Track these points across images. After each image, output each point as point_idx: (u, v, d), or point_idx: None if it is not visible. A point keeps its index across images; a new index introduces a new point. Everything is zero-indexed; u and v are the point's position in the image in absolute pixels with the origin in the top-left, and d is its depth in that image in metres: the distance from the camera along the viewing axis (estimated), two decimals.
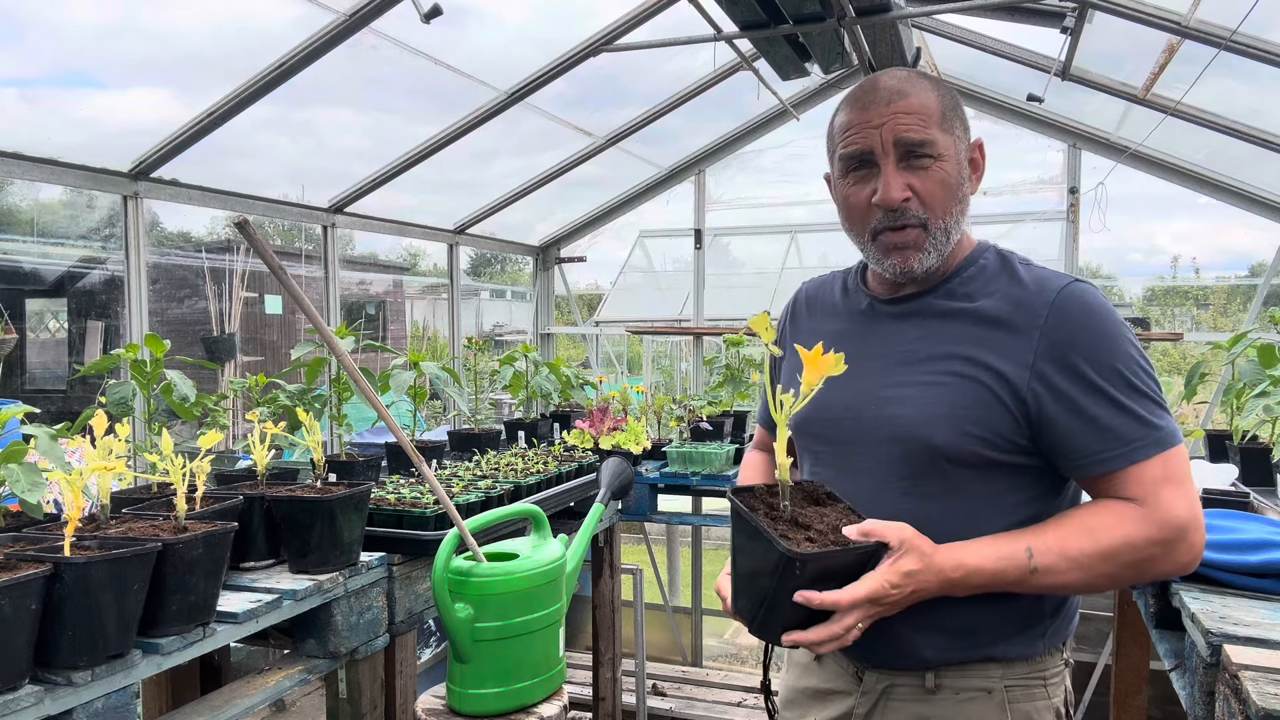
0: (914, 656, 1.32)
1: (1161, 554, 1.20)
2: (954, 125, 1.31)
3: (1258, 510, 2.46)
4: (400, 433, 2.00)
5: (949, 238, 1.31)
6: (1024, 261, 1.36)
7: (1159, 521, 1.20)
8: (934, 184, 1.28)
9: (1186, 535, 1.20)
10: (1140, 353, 1.26)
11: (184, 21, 3.22)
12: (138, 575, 1.55)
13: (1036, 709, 1.32)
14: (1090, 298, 1.27)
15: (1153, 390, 1.25)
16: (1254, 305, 4.89)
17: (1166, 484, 1.21)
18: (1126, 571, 1.22)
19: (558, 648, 2.13)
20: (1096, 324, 1.24)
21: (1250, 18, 3.07)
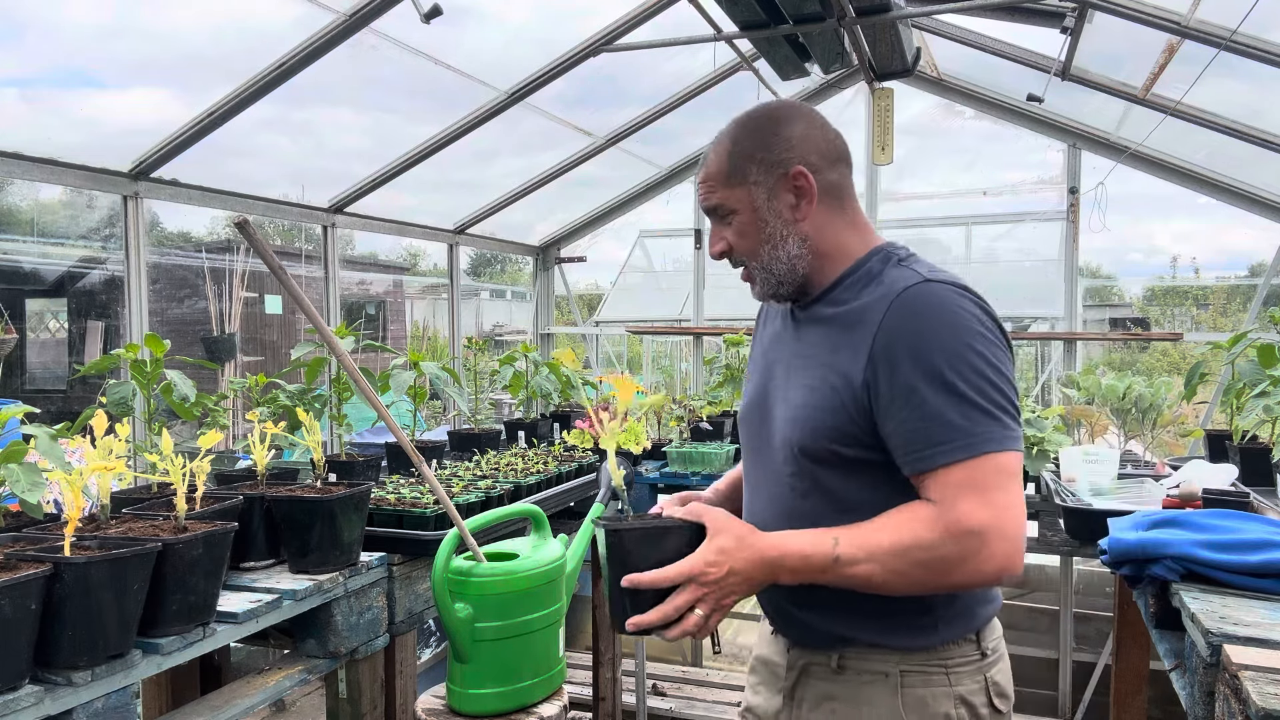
0: (822, 638, 1.42)
1: (957, 559, 1.21)
2: (746, 175, 1.41)
3: (1258, 510, 2.46)
4: (400, 433, 2.00)
5: (772, 271, 1.43)
6: (903, 261, 1.40)
7: (948, 526, 1.21)
8: (735, 235, 1.44)
9: (986, 544, 1.20)
10: (978, 354, 1.25)
11: (184, 21, 3.22)
12: (138, 575, 1.55)
13: (934, 695, 1.36)
14: (929, 296, 1.28)
15: (976, 394, 1.23)
16: (1254, 305, 4.89)
17: (968, 490, 1.21)
18: (920, 571, 1.23)
19: (558, 648, 2.13)
20: (925, 323, 1.26)
21: (1250, 18, 3.07)
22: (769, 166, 1.40)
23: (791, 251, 1.41)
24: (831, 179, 1.42)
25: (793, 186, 1.40)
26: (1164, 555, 1.82)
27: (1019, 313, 5.82)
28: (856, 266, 1.42)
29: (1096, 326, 6.69)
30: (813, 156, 1.40)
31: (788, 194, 1.40)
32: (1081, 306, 5.15)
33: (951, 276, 1.33)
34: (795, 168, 1.40)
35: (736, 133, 1.43)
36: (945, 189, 5.47)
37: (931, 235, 5.82)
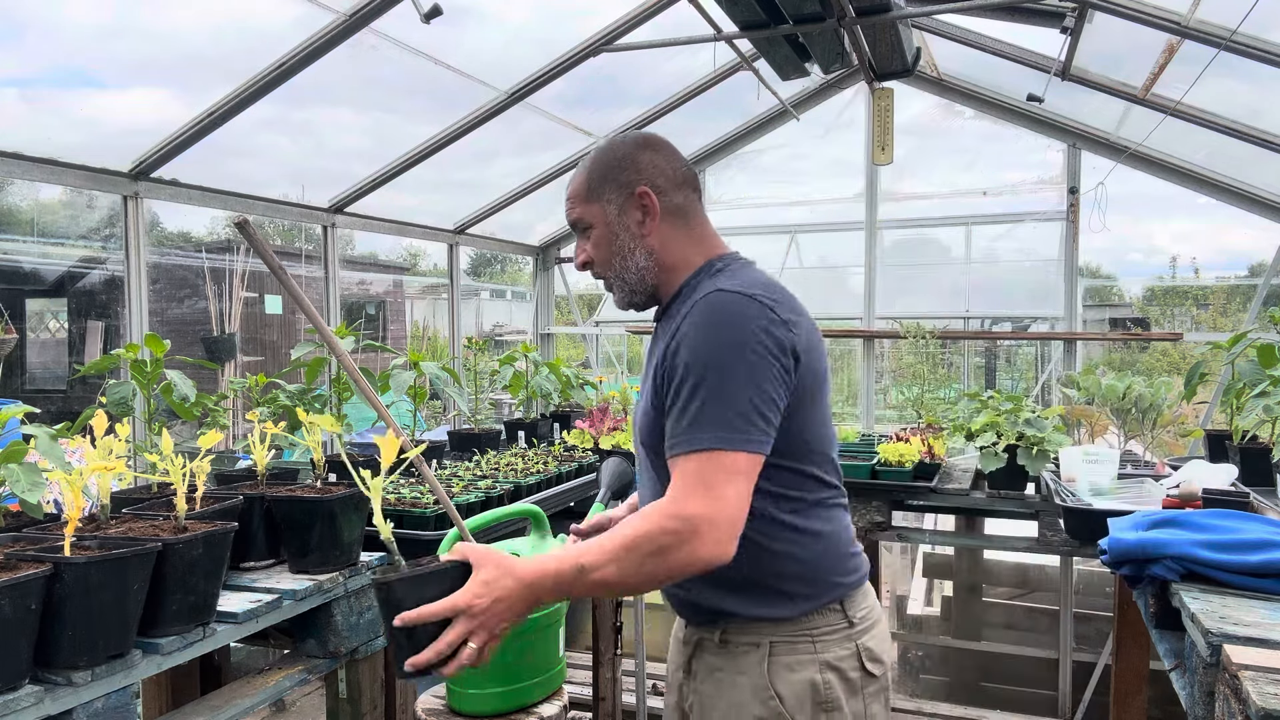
0: (706, 615, 1.57)
1: (675, 543, 1.32)
2: (602, 192, 1.59)
3: (1258, 510, 2.46)
4: (400, 433, 2.00)
5: (624, 280, 1.61)
6: (719, 271, 1.56)
7: (665, 515, 1.34)
8: (593, 249, 1.62)
9: (700, 531, 1.32)
10: (738, 359, 1.37)
11: (184, 21, 3.22)
12: (138, 575, 1.55)
13: (799, 662, 1.49)
14: (712, 303, 1.43)
15: (722, 395, 1.36)
16: (1254, 305, 4.89)
17: (692, 480, 1.35)
18: (651, 562, 1.33)
19: (558, 648, 2.13)
20: (700, 328, 1.42)
21: (1250, 18, 3.07)
22: (619, 186, 1.59)
23: (640, 263, 1.60)
24: (677, 200, 1.61)
25: (639, 205, 1.59)
26: (1164, 555, 1.82)
27: (1019, 313, 5.82)
28: (690, 278, 1.60)
29: (1096, 326, 6.69)
30: (659, 180, 1.59)
31: (635, 211, 1.59)
32: (1081, 306, 5.15)
33: (745, 286, 1.45)
34: (640, 188, 1.58)
35: (597, 157, 1.63)
36: (945, 189, 5.47)
37: (931, 235, 5.82)
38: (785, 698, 1.48)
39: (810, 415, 1.48)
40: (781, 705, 1.48)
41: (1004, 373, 8.52)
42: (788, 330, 1.42)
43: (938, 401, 5.07)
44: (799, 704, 1.48)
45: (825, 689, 1.49)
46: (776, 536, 1.48)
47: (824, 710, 1.48)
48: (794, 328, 1.44)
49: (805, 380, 1.45)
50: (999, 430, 3.24)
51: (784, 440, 1.43)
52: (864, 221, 5.46)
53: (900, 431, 3.82)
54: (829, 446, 1.56)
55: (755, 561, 1.48)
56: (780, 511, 1.48)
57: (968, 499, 3.31)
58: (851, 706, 1.49)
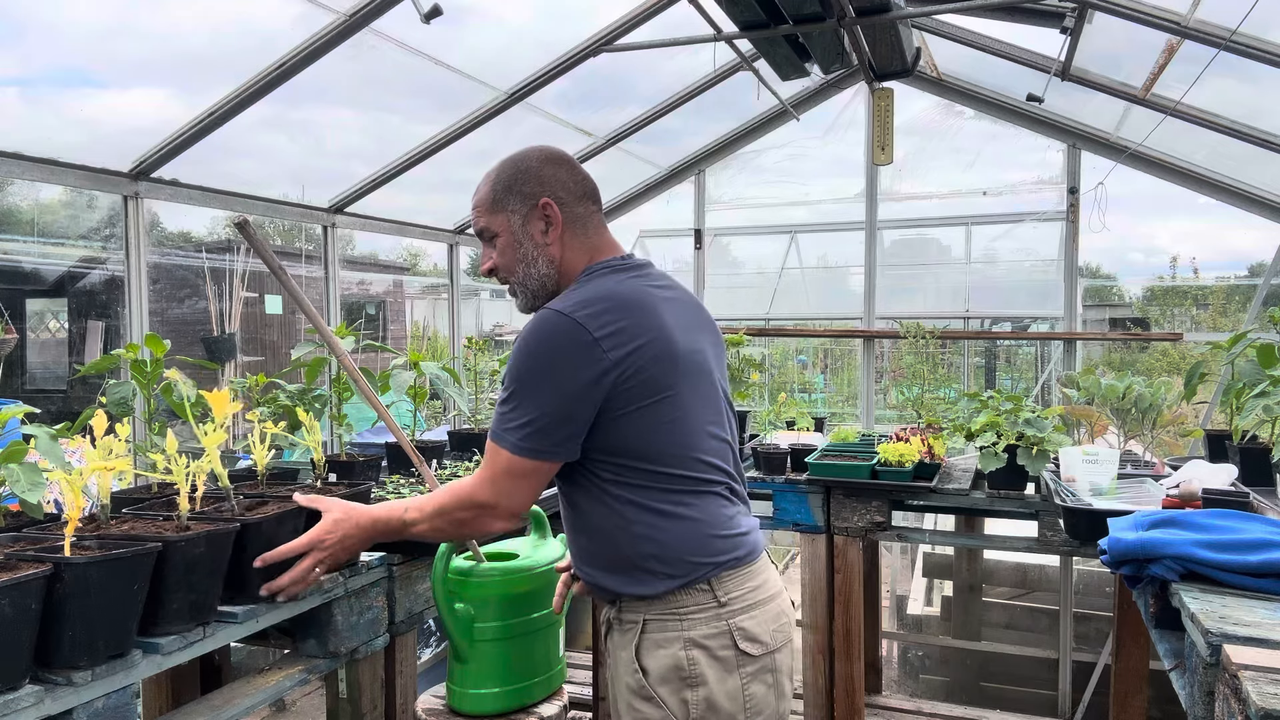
0: (604, 595, 1.72)
1: (471, 518, 1.65)
2: (506, 204, 1.71)
3: (1258, 510, 2.46)
4: (400, 433, 2.00)
5: (527, 286, 1.73)
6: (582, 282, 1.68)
7: (467, 496, 1.64)
8: (499, 256, 1.74)
9: (487, 513, 1.63)
10: (531, 375, 1.55)
11: (184, 21, 3.22)
12: (138, 575, 1.55)
13: (666, 638, 1.60)
14: (532, 322, 1.61)
15: (512, 406, 1.57)
16: (1253, 305, 4.89)
17: (489, 471, 1.61)
18: (453, 526, 1.68)
19: (558, 648, 2.13)
20: (519, 341, 1.60)
21: (1250, 18, 3.07)
22: (523, 197, 1.70)
23: (542, 270, 1.71)
24: (578, 211, 1.72)
25: (543, 215, 1.69)
26: (1164, 555, 1.82)
27: (1019, 313, 5.82)
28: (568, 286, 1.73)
29: (1096, 326, 6.69)
30: (560, 192, 1.70)
31: (539, 221, 1.69)
32: (1081, 306, 5.15)
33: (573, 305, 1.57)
34: (544, 199, 1.69)
35: (502, 169, 1.73)
36: (945, 189, 5.47)
37: (931, 235, 5.82)
38: (650, 671, 1.60)
39: (650, 420, 1.57)
40: (645, 679, 1.60)
41: (1004, 373, 8.52)
42: (600, 350, 1.53)
43: (938, 401, 5.08)
44: (661, 678, 1.59)
45: (690, 665, 1.58)
46: (634, 520, 1.60)
47: (688, 686, 1.57)
48: (615, 343, 1.54)
49: (636, 390, 1.55)
50: (999, 430, 3.24)
51: (619, 441, 1.58)
52: (864, 221, 5.46)
53: (900, 431, 3.82)
54: (690, 445, 1.63)
55: (617, 544, 1.63)
56: (635, 498, 1.60)
57: (968, 499, 3.31)
58: (723, 685, 1.57)
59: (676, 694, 1.58)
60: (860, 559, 3.52)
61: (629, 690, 1.63)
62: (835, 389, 9.15)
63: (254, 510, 1.90)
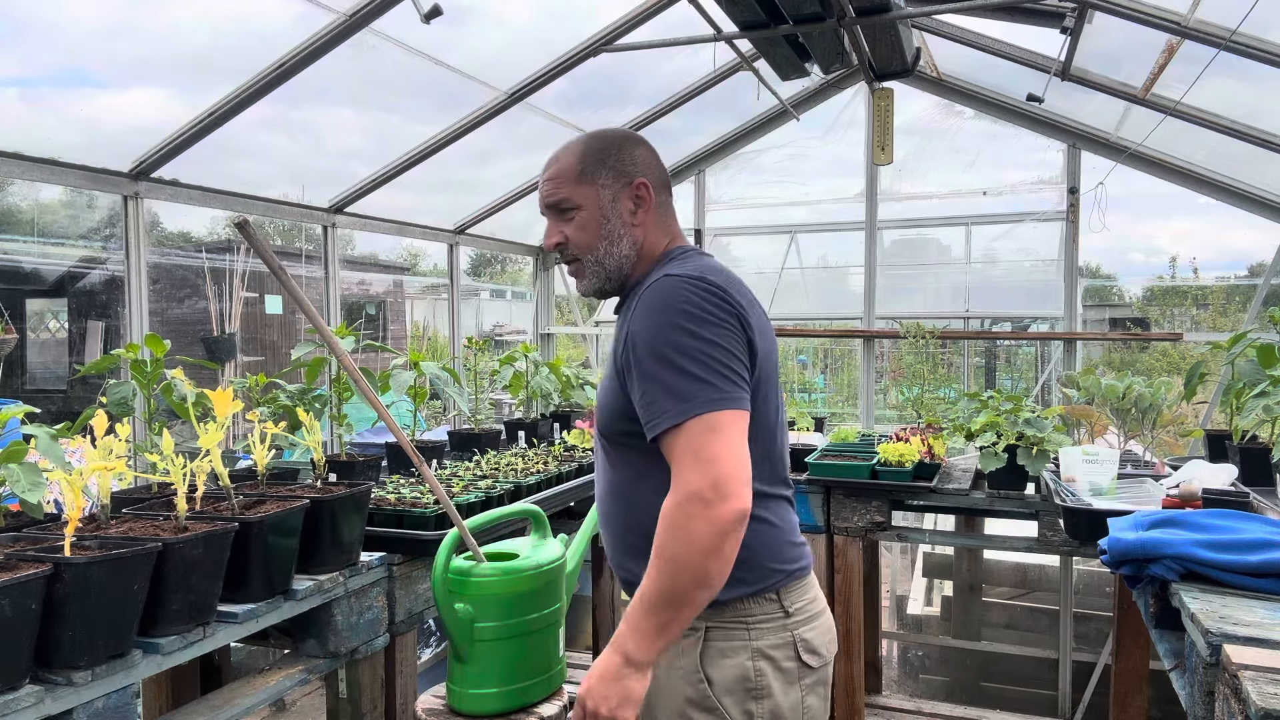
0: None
1: (693, 522, 1.36)
2: (595, 177, 1.62)
3: (1257, 510, 2.46)
4: (400, 433, 2.00)
5: (603, 266, 1.63)
6: (671, 259, 1.61)
7: (673, 504, 1.39)
8: (574, 229, 1.63)
9: (708, 504, 1.36)
10: (686, 330, 1.42)
11: (184, 21, 3.22)
12: (138, 575, 1.55)
13: (732, 647, 1.52)
14: (660, 285, 1.49)
15: (687, 364, 1.41)
16: (1253, 305, 4.89)
17: (686, 455, 1.39)
18: (686, 552, 1.37)
19: (558, 648, 2.13)
20: (650, 308, 1.47)
21: (1250, 18, 3.07)
22: (617, 174, 1.63)
23: (624, 250, 1.63)
24: (662, 198, 1.67)
25: (634, 195, 1.63)
26: (1164, 555, 1.82)
27: (1019, 313, 5.82)
28: (648, 271, 1.63)
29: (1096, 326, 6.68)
30: (650, 175, 1.65)
31: (629, 201, 1.63)
32: (1081, 306, 5.15)
33: (691, 269, 1.51)
34: (640, 179, 1.63)
35: (590, 141, 1.66)
36: (945, 189, 5.47)
37: (931, 235, 5.82)
38: (715, 682, 1.51)
39: (759, 401, 1.51)
40: (710, 689, 1.51)
41: (1004, 373, 8.52)
42: (737, 307, 1.47)
43: (937, 401, 5.08)
44: (727, 689, 1.51)
45: (757, 676, 1.51)
46: None
47: (753, 698, 1.51)
48: (744, 309, 1.49)
49: (755, 362, 1.49)
50: (999, 430, 3.24)
51: None
52: (864, 221, 5.46)
53: (900, 431, 3.82)
54: (771, 446, 1.58)
55: None
56: None
57: (968, 499, 3.31)
58: (786, 696, 1.52)
59: (741, 705, 1.51)
60: (860, 559, 3.52)
61: (687, 701, 1.53)
62: (835, 389, 9.15)
63: (254, 509, 1.90)
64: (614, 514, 1.63)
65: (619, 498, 1.61)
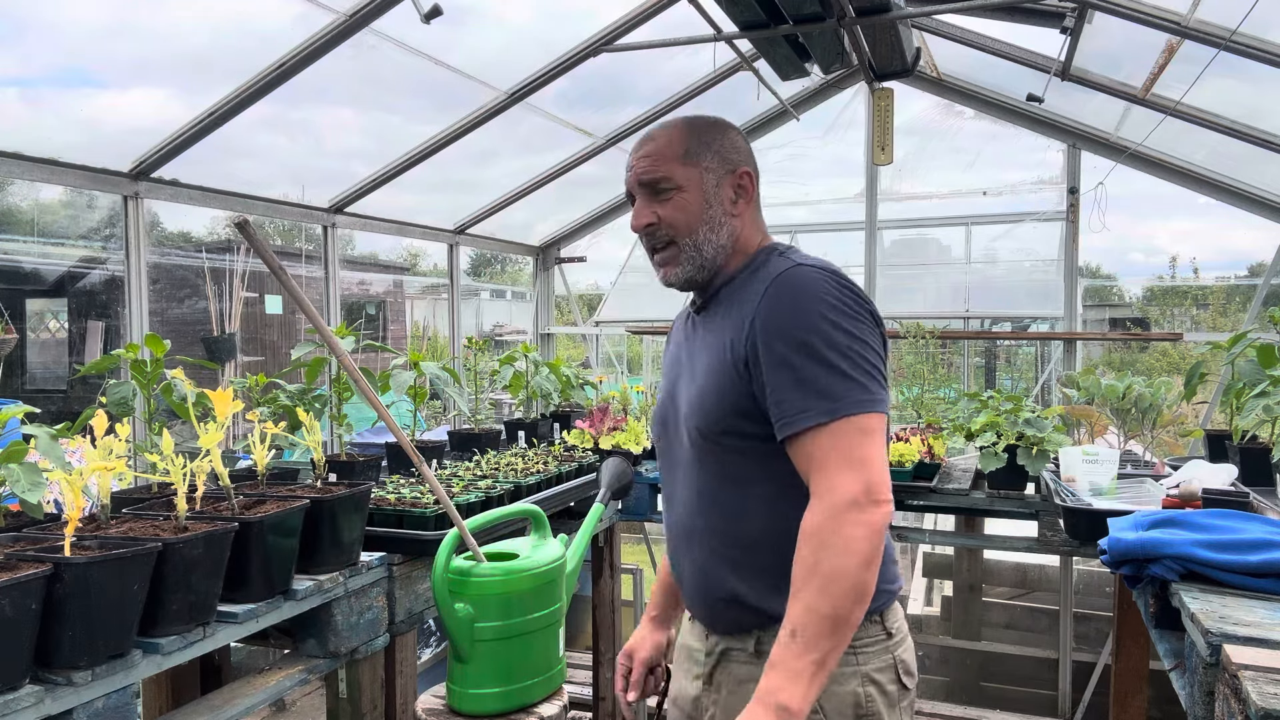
0: (741, 623, 1.49)
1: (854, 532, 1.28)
2: (700, 159, 1.53)
3: (1258, 510, 2.46)
4: (400, 433, 2.00)
5: (701, 253, 1.53)
6: (785, 253, 1.54)
7: (827, 514, 1.29)
8: (673, 210, 1.52)
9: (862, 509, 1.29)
10: (836, 325, 1.35)
11: (184, 21, 3.22)
12: (138, 575, 1.55)
13: (842, 674, 1.41)
14: (798, 277, 1.41)
15: (839, 361, 1.33)
16: (1253, 305, 4.89)
17: (835, 457, 1.31)
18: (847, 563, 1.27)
19: (558, 648, 2.13)
20: (792, 298, 1.39)
21: (1250, 18, 3.07)
22: (722, 159, 1.55)
23: (722, 240, 1.54)
24: (758, 191, 1.62)
25: (737, 184, 1.56)
26: (1164, 555, 1.82)
27: (1019, 313, 5.82)
28: (746, 264, 1.56)
29: (1096, 326, 6.69)
30: (752, 167, 1.59)
31: (730, 189, 1.55)
32: (1081, 306, 5.15)
33: (821, 261, 1.46)
34: (744, 168, 1.57)
35: (695, 123, 1.57)
36: (945, 189, 5.47)
37: (931, 235, 5.82)
38: (828, 711, 1.41)
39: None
40: (823, 718, 1.41)
41: (1004, 373, 8.52)
42: (871, 304, 1.42)
43: (937, 401, 5.07)
44: (840, 717, 1.42)
45: (867, 702, 1.43)
46: None
47: None
48: (874, 308, 1.44)
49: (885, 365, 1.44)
50: (999, 430, 3.24)
51: None
52: (864, 221, 5.46)
53: (900, 431, 3.82)
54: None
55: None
56: None
57: (968, 499, 3.31)
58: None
59: None
60: None
61: None
62: None
63: (254, 509, 1.90)
64: (708, 524, 1.49)
65: (717, 505, 1.48)
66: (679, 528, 1.57)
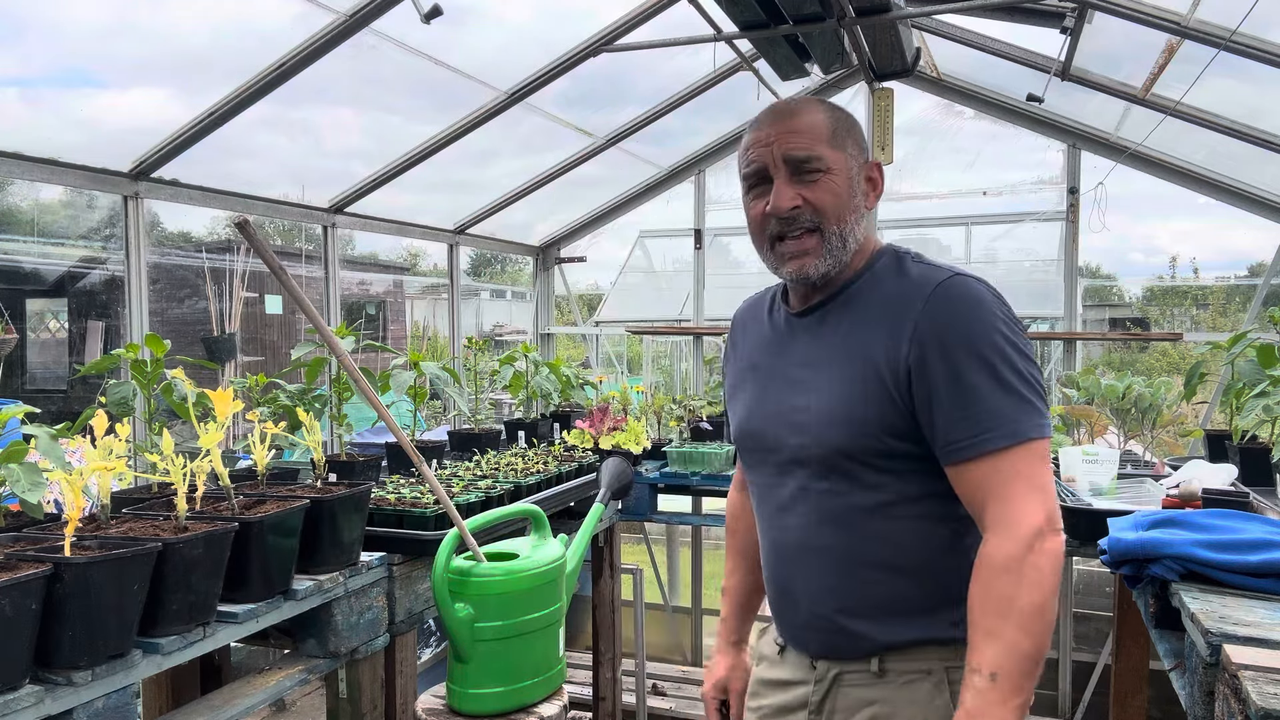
0: (866, 644, 1.38)
1: (1044, 561, 1.22)
2: (845, 144, 1.42)
3: (1258, 510, 2.46)
4: (400, 433, 2.00)
5: (845, 244, 1.40)
6: (916, 258, 1.43)
7: (1024, 537, 1.22)
8: (823, 193, 1.39)
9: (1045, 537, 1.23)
10: (1011, 344, 1.29)
11: (184, 21, 3.22)
12: (138, 575, 1.55)
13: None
14: (964, 288, 1.32)
15: (1016, 381, 1.27)
16: (1253, 305, 4.89)
17: (1018, 482, 1.24)
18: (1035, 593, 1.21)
19: (558, 647, 2.13)
20: (966, 312, 1.29)
21: (1250, 18, 3.07)
22: (860, 149, 1.45)
23: (858, 234, 1.43)
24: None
25: (869, 176, 1.46)
26: (1164, 555, 1.82)
27: (1019, 312, 5.81)
28: (868, 265, 1.44)
29: (1096, 326, 6.69)
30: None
31: (863, 181, 1.46)
32: (1081, 306, 5.15)
33: (971, 271, 1.38)
34: (874, 161, 1.48)
35: (832, 105, 1.47)
36: (945, 189, 5.47)
37: (931, 235, 5.81)
38: None
39: None
40: None
41: None
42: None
43: None
44: None
45: None
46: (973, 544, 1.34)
47: None
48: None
49: None
50: None
51: None
52: None
53: None
54: None
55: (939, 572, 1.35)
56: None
57: None
58: None
59: None
60: None
61: None
62: None
63: (254, 509, 1.90)
64: (836, 545, 1.39)
65: (848, 526, 1.37)
66: (791, 549, 1.45)
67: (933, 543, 1.33)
